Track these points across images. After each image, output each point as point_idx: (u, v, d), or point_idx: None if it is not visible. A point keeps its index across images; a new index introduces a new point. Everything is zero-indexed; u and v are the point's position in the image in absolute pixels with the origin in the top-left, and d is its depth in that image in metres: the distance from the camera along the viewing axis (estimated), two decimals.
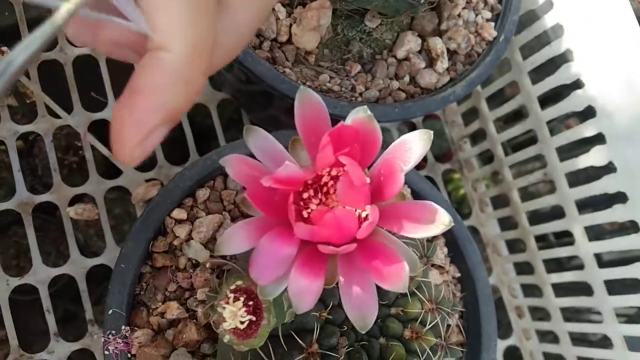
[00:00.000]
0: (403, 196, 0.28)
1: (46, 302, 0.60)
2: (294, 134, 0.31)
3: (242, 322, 0.29)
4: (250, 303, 0.30)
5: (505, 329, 0.75)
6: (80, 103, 0.66)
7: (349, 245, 0.26)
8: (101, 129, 0.67)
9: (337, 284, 0.28)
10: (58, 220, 0.73)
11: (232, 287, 0.30)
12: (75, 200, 0.65)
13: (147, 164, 0.68)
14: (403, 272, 0.25)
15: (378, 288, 0.38)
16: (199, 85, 0.23)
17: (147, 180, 0.67)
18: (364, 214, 0.27)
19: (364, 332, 0.27)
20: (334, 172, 0.28)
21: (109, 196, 0.66)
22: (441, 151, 0.82)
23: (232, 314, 0.29)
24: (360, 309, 0.27)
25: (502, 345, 0.73)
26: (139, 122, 0.21)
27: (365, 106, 0.30)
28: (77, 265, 0.62)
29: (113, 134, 0.22)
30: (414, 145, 0.28)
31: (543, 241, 0.72)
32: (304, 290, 0.26)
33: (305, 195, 0.28)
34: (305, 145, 0.30)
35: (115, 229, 0.68)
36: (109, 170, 0.68)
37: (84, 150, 0.66)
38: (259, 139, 0.30)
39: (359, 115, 0.28)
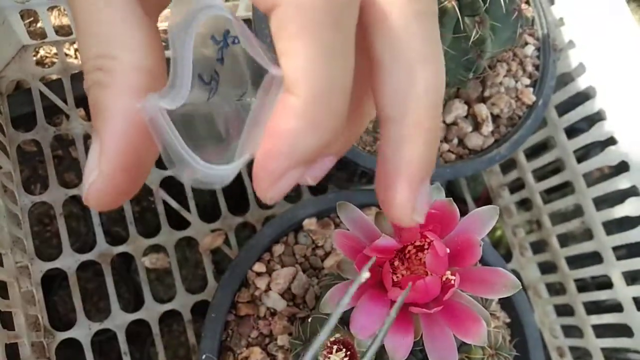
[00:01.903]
0: (476, 262, 0.34)
1: (124, 346, 0.65)
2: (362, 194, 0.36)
3: None
4: (348, 353, 0.35)
5: None
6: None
7: (437, 308, 0.31)
8: (170, 185, 0.74)
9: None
10: (117, 266, 0.79)
11: (332, 339, 0.35)
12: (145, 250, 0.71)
13: (212, 215, 0.74)
14: (482, 328, 0.30)
15: None
16: (330, 129, 0.22)
17: (213, 231, 0.73)
18: (443, 278, 0.32)
19: None
20: (417, 243, 0.33)
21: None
22: (476, 194, 0.87)
23: None
24: (444, 357, 0.32)
25: None
26: (272, 166, 0.22)
27: (438, 184, 0.35)
28: (151, 311, 0.67)
29: (253, 173, 0.23)
30: (485, 219, 0.33)
31: (585, 285, 0.76)
32: (398, 345, 0.31)
33: (395, 263, 0.33)
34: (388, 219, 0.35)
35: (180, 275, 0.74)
36: (173, 220, 0.74)
37: (156, 204, 0.73)
38: (351, 213, 0.36)
39: (439, 198, 0.33)
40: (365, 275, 0.26)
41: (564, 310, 0.76)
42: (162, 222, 0.71)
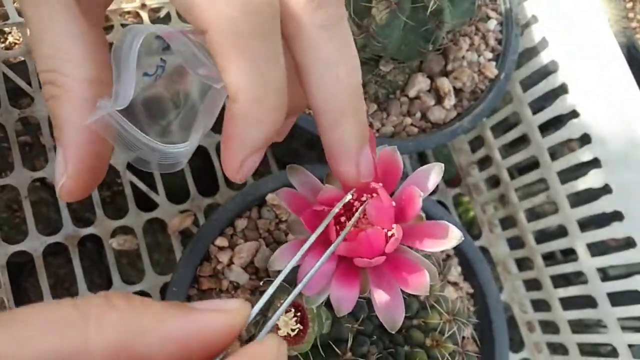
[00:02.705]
0: (421, 218, 0.34)
1: None
2: (323, 168, 0.37)
3: (292, 330, 0.34)
4: (298, 314, 0.35)
5: (517, 343, 0.79)
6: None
7: (379, 257, 0.31)
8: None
9: (367, 298, 0.34)
10: (88, 251, 0.79)
11: (282, 300, 0.35)
12: (113, 232, 0.71)
13: (181, 197, 0.74)
14: (425, 279, 0.31)
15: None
16: (272, 122, 0.27)
17: (182, 212, 0.73)
18: (390, 233, 0.33)
19: (393, 332, 0.32)
20: (363, 198, 0.33)
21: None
22: (450, 176, 0.88)
23: (285, 323, 0.34)
24: (390, 312, 0.32)
25: (515, 358, 0.77)
26: (233, 158, 0.27)
27: (386, 145, 0.36)
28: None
29: (222, 164, 0.28)
30: (429, 176, 0.34)
31: (550, 258, 0.77)
32: (343, 297, 0.32)
33: (342, 219, 0.33)
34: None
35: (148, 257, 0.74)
36: (142, 202, 0.73)
37: (124, 186, 0.72)
38: (300, 175, 0.36)
39: (384, 149, 0.34)
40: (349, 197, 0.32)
41: (533, 285, 0.77)
42: (129, 203, 0.71)
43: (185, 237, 0.73)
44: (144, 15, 0.76)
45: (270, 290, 0.28)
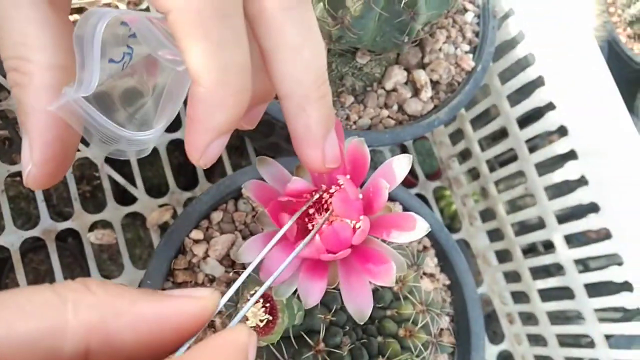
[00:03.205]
0: (389, 209, 0.34)
1: None
2: (296, 160, 0.37)
3: (261, 321, 0.34)
4: (267, 305, 0.35)
5: (499, 335, 0.80)
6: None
7: (344, 251, 0.31)
8: (116, 160, 0.73)
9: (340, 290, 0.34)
10: (70, 247, 0.78)
11: (252, 292, 0.35)
12: (92, 226, 0.70)
13: (160, 191, 0.73)
14: (391, 270, 0.31)
15: (375, 292, 0.44)
16: (236, 104, 0.26)
17: (161, 206, 0.72)
18: (358, 225, 0.33)
19: (362, 324, 0.32)
20: (332, 190, 0.33)
21: (122, 222, 0.71)
22: (432, 170, 0.88)
23: (253, 314, 0.34)
24: (358, 303, 0.32)
25: (495, 350, 0.78)
26: (196, 141, 0.26)
27: (356, 135, 0.36)
28: None
29: (185, 149, 0.27)
30: (396, 167, 0.34)
31: (531, 251, 0.78)
32: (311, 289, 0.32)
33: (310, 211, 0.33)
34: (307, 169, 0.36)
35: (128, 252, 0.74)
36: (122, 196, 0.73)
37: (102, 180, 0.72)
38: (269, 167, 0.36)
39: (352, 140, 0.34)
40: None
41: (512, 277, 0.78)
42: (107, 197, 0.71)
43: (165, 232, 0.72)
44: (123, 8, 0.75)
45: (239, 281, 0.29)
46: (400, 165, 0.34)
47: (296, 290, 0.33)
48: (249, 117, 0.34)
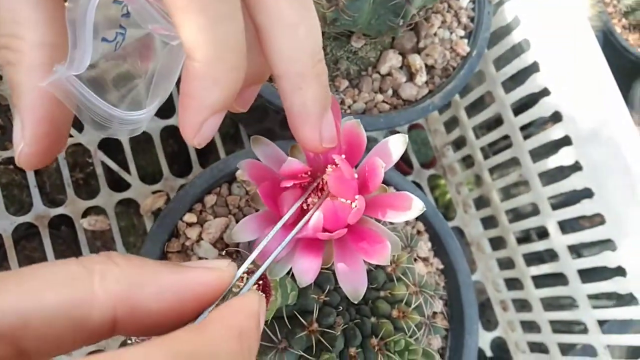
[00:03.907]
0: (385, 190, 0.34)
1: None
2: (291, 143, 0.36)
3: None
4: (260, 282, 0.35)
5: (492, 323, 0.80)
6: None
7: (341, 230, 0.31)
8: (109, 145, 0.73)
9: (334, 270, 0.33)
10: (63, 234, 0.78)
11: (246, 269, 0.35)
12: (85, 213, 0.70)
13: (154, 179, 0.73)
14: (386, 249, 0.31)
15: (369, 274, 0.44)
16: (231, 81, 0.26)
17: (154, 192, 0.72)
18: (353, 205, 0.32)
19: (356, 303, 0.32)
20: (329, 171, 0.33)
21: (115, 210, 0.71)
22: (427, 159, 0.88)
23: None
24: (353, 283, 0.32)
25: (488, 337, 0.78)
26: (190, 119, 0.26)
27: (352, 117, 0.35)
28: None
29: (179, 127, 0.27)
30: (392, 147, 0.34)
31: (525, 239, 0.78)
32: (306, 268, 0.31)
33: (309, 198, 0.33)
34: (302, 149, 0.35)
35: (122, 240, 0.74)
36: (116, 183, 0.73)
37: (95, 167, 0.71)
38: (264, 147, 0.36)
39: (347, 121, 0.33)
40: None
41: (506, 264, 0.78)
42: (100, 184, 0.70)
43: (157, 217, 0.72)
44: None
45: (253, 256, 0.30)
46: (395, 144, 0.34)
47: (290, 270, 0.33)
48: (242, 99, 0.34)
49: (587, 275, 0.67)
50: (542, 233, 0.72)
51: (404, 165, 0.86)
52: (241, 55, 0.26)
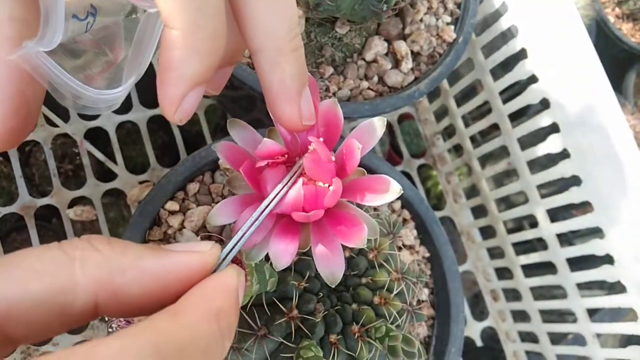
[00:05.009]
0: (363, 173, 0.33)
1: None
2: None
3: None
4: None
5: (483, 313, 0.80)
6: (76, 112, 0.70)
7: (317, 212, 0.31)
8: (96, 136, 0.72)
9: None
10: (54, 227, 0.77)
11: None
12: (73, 203, 0.70)
13: (143, 168, 0.73)
14: (362, 232, 0.30)
15: (350, 260, 0.43)
16: (211, 51, 0.25)
17: (141, 182, 0.71)
18: (330, 188, 0.32)
19: (333, 287, 0.32)
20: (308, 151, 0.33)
21: (104, 201, 0.71)
22: (419, 150, 0.88)
23: None
24: (330, 266, 0.32)
25: (479, 326, 0.78)
26: (170, 93, 0.25)
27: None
28: None
29: (159, 102, 0.26)
30: (370, 129, 0.33)
31: (515, 229, 0.77)
32: (281, 251, 0.31)
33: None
34: (280, 133, 0.35)
35: (111, 231, 0.73)
36: (105, 174, 0.72)
37: (81, 157, 0.71)
38: (241, 129, 0.35)
39: (325, 101, 0.33)
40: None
41: (496, 253, 0.77)
42: (87, 174, 0.70)
43: None
44: None
45: (237, 237, 0.29)
46: (373, 127, 0.33)
47: (268, 257, 0.33)
48: (215, 81, 0.33)
49: (577, 264, 0.67)
50: (534, 223, 0.71)
51: (394, 155, 0.85)
52: (221, 22, 0.25)
